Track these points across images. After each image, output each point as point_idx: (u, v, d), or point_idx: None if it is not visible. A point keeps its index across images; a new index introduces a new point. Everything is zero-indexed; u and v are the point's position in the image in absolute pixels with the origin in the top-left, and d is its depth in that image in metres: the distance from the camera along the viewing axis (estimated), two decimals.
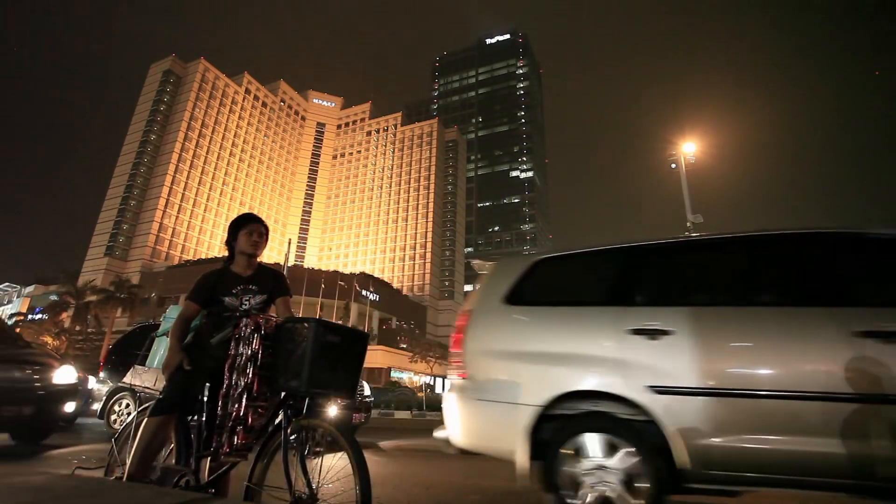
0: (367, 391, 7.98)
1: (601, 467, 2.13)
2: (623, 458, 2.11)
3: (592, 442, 2.18)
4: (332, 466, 1.80)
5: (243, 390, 2.00)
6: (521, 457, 2.30)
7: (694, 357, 2.15)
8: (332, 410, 6.01)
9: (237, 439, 1.96)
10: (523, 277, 2.77)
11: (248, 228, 2.43)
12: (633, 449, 2.10)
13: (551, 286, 2.81)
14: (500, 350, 2.60)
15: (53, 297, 49.45)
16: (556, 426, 2.29)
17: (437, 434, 2.71)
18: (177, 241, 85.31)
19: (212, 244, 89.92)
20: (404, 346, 60.90)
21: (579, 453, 2.19)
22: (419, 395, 29.34)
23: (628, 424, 2.17)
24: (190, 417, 2.23)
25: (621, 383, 2.22)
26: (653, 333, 2.25)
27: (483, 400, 2.52)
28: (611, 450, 2.14)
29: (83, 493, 1.89)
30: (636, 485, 2.05)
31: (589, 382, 2.29)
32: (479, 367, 2.61)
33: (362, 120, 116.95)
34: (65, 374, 4.92)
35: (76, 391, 5.20)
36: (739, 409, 2.05)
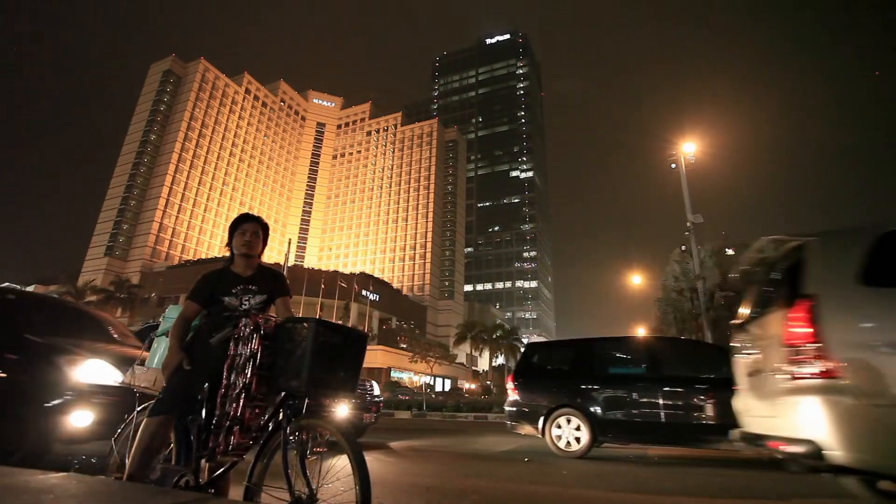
0: (376, 391, 7.81)
1: None
2: None
3: None
4: (332, 466, 1.80)
5: (241, 390, 2.00)
6: None
7: None
8: (343, 410, 5.93)
9: (234, 439, 1.96)
10: (872, 255, 2.38)
11: (241, 229, 2.44)
12: None
13: None
14: (891, 341, 2.18)
15: None
16: None
17: (788, 449, 2.30)
18: (177, 241, 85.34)
19: (212, 244, 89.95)
20: (404, 346, 60.89)
21: None
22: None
23: None
24: (190, 417, 2.23)
25: None
26: None
27: (885, 406, 2.10)
28: None
29: (83, 493, 1.89)
30: None
31: None
32: (861, 363, 2.19)
33: (362, 120, 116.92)
34: None
35: None
36: None
